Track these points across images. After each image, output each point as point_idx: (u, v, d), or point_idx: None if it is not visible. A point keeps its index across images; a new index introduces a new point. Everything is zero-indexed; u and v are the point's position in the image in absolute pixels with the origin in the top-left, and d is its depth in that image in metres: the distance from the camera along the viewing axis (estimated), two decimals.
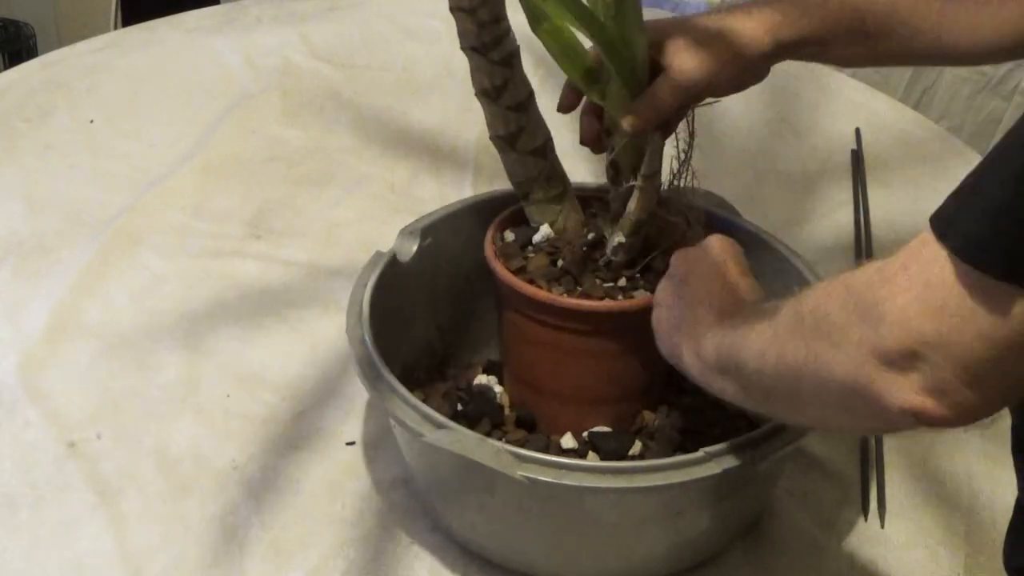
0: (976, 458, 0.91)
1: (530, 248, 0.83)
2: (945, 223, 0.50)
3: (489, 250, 0.82)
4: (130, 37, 1.47)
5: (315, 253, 1.10)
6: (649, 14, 0.73)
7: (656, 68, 0.77)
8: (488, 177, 1.19)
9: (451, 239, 0.89)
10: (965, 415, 0.50)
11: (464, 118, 1.28)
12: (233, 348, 0.98)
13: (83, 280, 1.04)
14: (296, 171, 1.22)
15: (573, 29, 0.75)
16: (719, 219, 0.88)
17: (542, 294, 0.78)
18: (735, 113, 1.32)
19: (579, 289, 0.79)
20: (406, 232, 0.87)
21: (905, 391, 0.51)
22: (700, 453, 0.70)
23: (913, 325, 0.50)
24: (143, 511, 0.83)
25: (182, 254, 1.09)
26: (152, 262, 1.08)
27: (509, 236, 0.84)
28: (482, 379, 0.90)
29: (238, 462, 0.87)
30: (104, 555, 0.79)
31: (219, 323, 1.01)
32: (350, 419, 0.91)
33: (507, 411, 0.87)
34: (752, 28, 0.77)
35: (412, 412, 0.73)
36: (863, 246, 1.10)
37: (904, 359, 0.50)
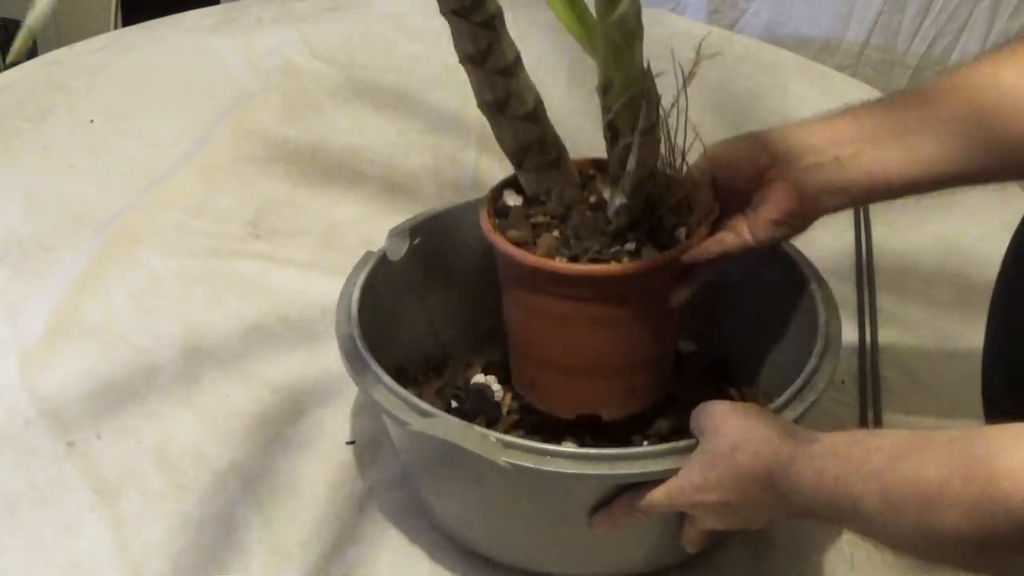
0: None
1: (512, 214, 0.79)
2: None
3: (486, 223, 0.78)
4: (130, 37, 1.47)
5: (315, 253, 1.10)
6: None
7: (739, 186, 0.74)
8: (489, 177, 1.19)
9: (443, 238, 0.89)
10: None
11: (464, 118, 1.28)
12: (233, 347, 0.98)
13: (83, 280, 1.04)
14: (296, 171, 1.22)
15: None
16: None
17: (548, 263, 0.74)
18: (733, 112, 1.32)
19: (586, 255, 0.75)
20: (395, 232, 0.87)
21: None
22: (688, 441, 0.69)
23: None
24: (143, 511, 0.83)
25: (182, 254, 1.09)
26: (152, 262, 1.08)
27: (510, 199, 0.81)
28: (480, 378, 0.90)
29: (238, 462, 0.87)
30: (104, 555, 0.79)
31: (219, 323, 1.01)
32: (350, 419, 0.91)
33: (505, 412, 0.86)
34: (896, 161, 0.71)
35: (398, 402, 0.73)
36: (863, 247, 1.10)
37: None
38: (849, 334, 0.99)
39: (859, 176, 0.73)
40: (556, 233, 0.77)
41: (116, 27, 2.07)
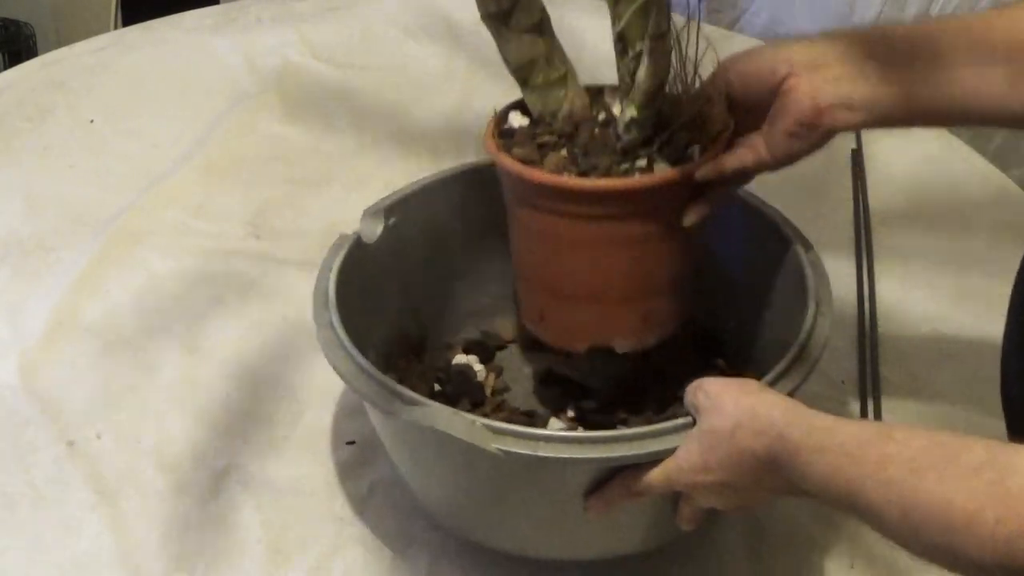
0: None
1: (517, 134, 0.76)
2: None
3: (490, 144, 0.75)
4: (130, 37, 1.47)
5: (315, 253, 1.10)
6: None
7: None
8: None
9: (419, 216, 0.87)
10: None
11: (464, 118, 1.28)
12: (233, 348, 0.98)
13: (83, 280, 1.04)
14: (296, 171, 1.22)
15: None
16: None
17: (556, 179, 0.71)
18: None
19: (595, 172, 0.72)
20: (370, 212, 0.85)
21: None
22: (683, 420, 0.67)
23: None
24: (142, 511, 0.83)
25: (182, 254, 1.09)
26: (152, 262, 1.08)
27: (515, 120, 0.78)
28: (461, 359, 0.89)
29: (238, 462, 0.87)
30: (104, 555, 0.79)
31: (219, 323, 1.01)
32: (350, 418, 0.91)
33: (489, 392, 0.85)
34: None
35: (382, 391, 0.70)
36: (863, 246, 1.10)
37: None
38: (849, 333, 0.99)
39: (884, 94, 0.69)
40: (563, 152, 0.74)
41: (116, 27, 2.08)
